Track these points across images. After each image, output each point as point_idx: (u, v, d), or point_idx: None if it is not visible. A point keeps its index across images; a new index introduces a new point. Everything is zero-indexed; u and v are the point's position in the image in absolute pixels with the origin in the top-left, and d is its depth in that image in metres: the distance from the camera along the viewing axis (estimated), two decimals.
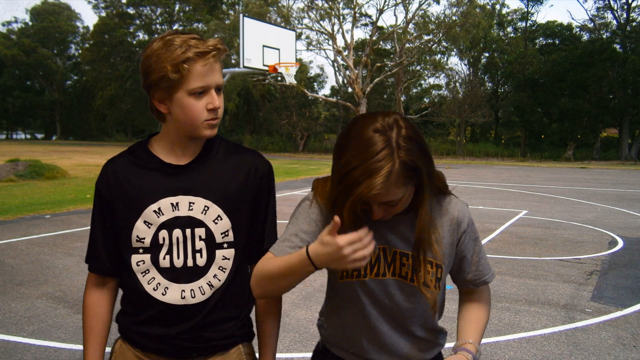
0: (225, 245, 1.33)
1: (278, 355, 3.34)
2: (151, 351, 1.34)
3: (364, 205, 1.16)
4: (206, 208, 1.31)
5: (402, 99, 41.55)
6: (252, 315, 1.44)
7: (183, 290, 1.31)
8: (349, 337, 1.34)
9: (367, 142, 1.08)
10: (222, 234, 1.33)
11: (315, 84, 52.99)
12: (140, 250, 1.31)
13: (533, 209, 11.05)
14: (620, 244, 7.44)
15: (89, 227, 1.39)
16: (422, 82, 47.43)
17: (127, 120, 61.27)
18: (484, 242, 7.46)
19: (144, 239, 1.30)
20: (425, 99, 46.43)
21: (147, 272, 1.31)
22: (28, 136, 75.68)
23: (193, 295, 1.31)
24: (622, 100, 35.76)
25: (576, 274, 5.73)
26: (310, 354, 1.51)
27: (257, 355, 1.46)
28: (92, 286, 1.38)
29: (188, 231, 1.30)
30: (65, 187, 13.70)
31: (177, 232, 1.30)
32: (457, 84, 43.39)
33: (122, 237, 1.33)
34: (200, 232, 1.31)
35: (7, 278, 5.28)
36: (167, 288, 1.31)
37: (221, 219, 1.32)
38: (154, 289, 1.31)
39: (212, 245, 1.32)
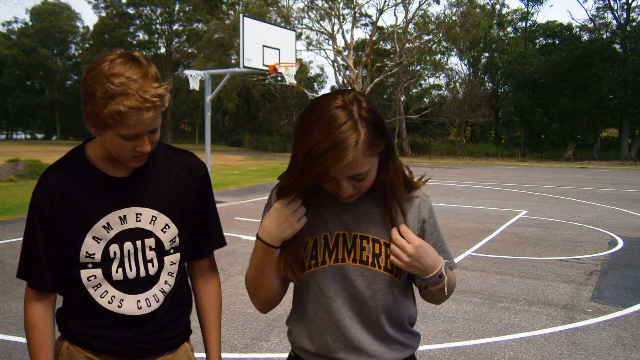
0: (172, 251, 1.36)
1: (278, 355, 3.34)
2: (103, 352, 1.34)
3: (330, 181, 1.16)
4: (154, 218, 1.31)
5: (402, 99, 41.55)
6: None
7: (139, 301, 1.32)
8: (314, 337, 1.28)
9: (330, 118, 1.08)
10: (170, 241, 1.34)
11: (315, 84, 53.05)
12: (90, 265, 1.29)
13: (533, 209, 11.05)
14: (620, 244, 7.43)
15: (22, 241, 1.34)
16: (422, 82, 47.47)
17: None
18: (484, 242, 7.47)
19: (93, 254, 1.28)
20: (425, 99, 46.42)
21: (99, 286, 1.30)
22: (28, 136, 75.62)
23: (149, 304, 1.33)
24: (622, 100, 35.75)
25: (576, 274, 5.73)
26: None
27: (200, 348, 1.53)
28: (34, 302, 1.34)
29: (138, 242, 1.31)
30: None
31: (127, 245, 1.30)
32: (457, 84, 43.40)
33: (67, 252, 1.29)
34: (150, 242, 1.32)
35: (7, 278, 5.28)
36: (122, 300, 1.31)
37: (169, 227, 1.33)
38: (108, 302, 1.31)
39: (161, 253, 1.34)
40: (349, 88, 1.23)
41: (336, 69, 41.05)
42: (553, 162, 33.11)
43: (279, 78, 21.61)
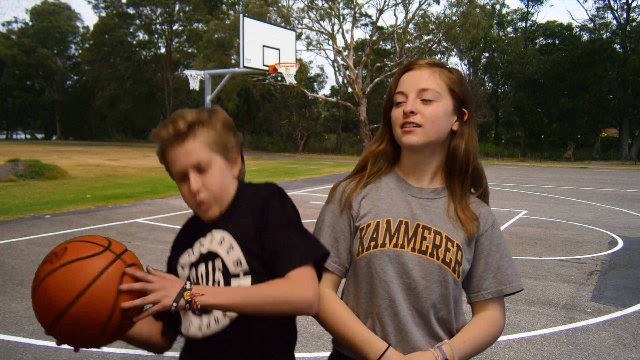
0: (240, 275, 1.31)
1: None
2: None
3: (398, 104, 1.31)
4: (223, 239, 1.33)
5: None
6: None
7: (201, 323, 1.34)
8: (365, 319, 1.28)
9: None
10: (234, 263, 1.31)
11: (315, 84, 52.97)
12: None
13: (533, 209, 11.06)
14: (620, 244, 7.44)
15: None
16: None
17: (127, 120, 61.26)
18: None
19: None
20: None
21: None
22: (28, 136, 75.61)
23: (208, 326, 1.32)
24: (622, 100, 35.76)
25: (576, 274, 5.73)
26: (311, 354, 1.51)
27: None
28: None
29: (210, 264, 1.34)
30: (65, 187, 13.70)
31: (201, 268, 1.35)
32: None
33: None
34: (218, 263, 1.33)
35: (7, 278, 5.28)
36: (191, 322, 1.35)
37: (232, 249, 1.32)
38: (186, 327, 1.36)
39: (227, 275, 1.32)
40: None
41: (336, 69, 41.08)
42: (553, 162, 33.11)
43: (279, 78, 21.62)
